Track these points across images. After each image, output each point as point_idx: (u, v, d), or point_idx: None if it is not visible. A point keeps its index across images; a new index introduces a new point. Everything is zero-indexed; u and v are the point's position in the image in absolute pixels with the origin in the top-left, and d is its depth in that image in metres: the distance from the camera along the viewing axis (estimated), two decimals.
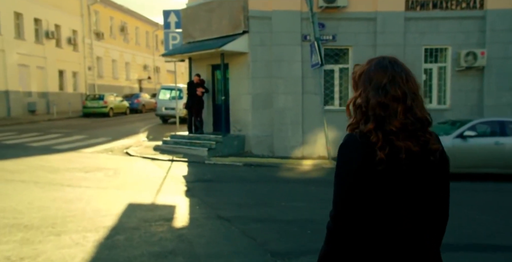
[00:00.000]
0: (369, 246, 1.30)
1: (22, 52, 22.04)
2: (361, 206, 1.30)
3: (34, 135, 14.54)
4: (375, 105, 1.32)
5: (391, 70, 1.35)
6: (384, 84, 1.33)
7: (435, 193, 1.36)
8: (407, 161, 1.28)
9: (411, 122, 1.30)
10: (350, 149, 1.31)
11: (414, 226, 1.32)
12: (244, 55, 11.25)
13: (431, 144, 1.32)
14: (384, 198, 1.29)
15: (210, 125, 12.51)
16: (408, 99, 1.32)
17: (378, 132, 1.29)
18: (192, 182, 7.41)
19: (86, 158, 10.05)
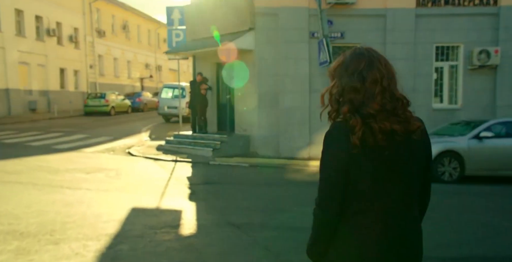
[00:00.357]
0: (356, 228, 1.34)
1: (22, 49, 21.75)
2: (347, 191, 1.33)
3: (34, 134, 14.25)
4: (350, 90, 1.35)
5: (368, 55, 1.39)
6: (361, 69, 1.36)
7: (418, 172, 1.39)
8: (387, 142, 1.31)
9: (389, 102, 1.33)
10: (333, 136, 1.35)
11: (399, 206, 1.35)
12: (250, 53, 10.93)
13: (412, 121, 1.35)
14: (369, 179, 1.32)
15: (214, 125, 12.20)
16: (384, 80, 1.35)
17: (355, 115, 1.32)
18: (198, 184, 7.10)
19: (87, 158, 9.75)
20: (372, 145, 1.30)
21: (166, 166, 9.19)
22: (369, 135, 1.30)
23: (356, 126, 1.30)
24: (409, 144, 1.35)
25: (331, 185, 1.34)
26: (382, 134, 1.30)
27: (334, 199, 1.33)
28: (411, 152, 1.36)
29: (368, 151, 1.30)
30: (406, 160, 1.35)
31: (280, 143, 10.89)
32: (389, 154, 1.32)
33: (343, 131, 1.33)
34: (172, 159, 10.04)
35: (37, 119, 19.96)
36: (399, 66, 8.22)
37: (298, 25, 10.72)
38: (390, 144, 1.32)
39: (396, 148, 1.33)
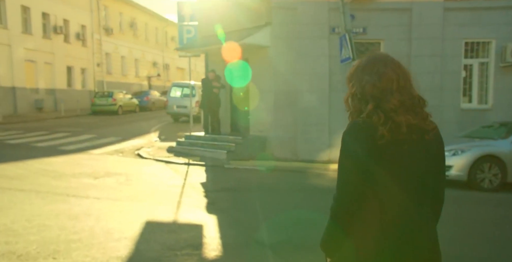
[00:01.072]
0: (371, 225, 1.36)
1: (29, 47, 21.32)
2: (364, 188, 1.36)
3: (40, 134, 13.76)
4: (371, 88, 1.41)
5: (383, 58, 1.47)
6: (377, 68, 1.43)
7: (431, 171, 1.43)
8: (407, 136, 1.36)
9: (408, 99, 1.39)
10: (352, 135, 1.38)
11: (413, 203, 1.38)
12: (266, 49, 10.32)
13: (428, 121, 1.41)
14: (386, 175, 1.36)
15: (227, 126, 11.60)
16: (401, 79, 1.42)
17: (378, 111, 1.36)
18: (215, 191, 6.51)
19: (95, 161, 9.20)
20: (392, 139, 1.34)
21: (179, 169, 8.61)
22: (394, 127, 1.34)
23: (381, 120, 1.34)
24: (423, 143, 1.40)
25: (349, 183, 1.37)
26: (406, 126, 1.35)
27: (351, 196, 1.37)
28: (425, 151, 1.41)
29: (388, 146, 1.34)
30: (420, 158, 1.40)
31: (297, 144, 10.28)
32: (407, 149, 1.37)
33: (362, 129, 1.36)
34: (185, 161, 9.46)
35: (43, 119, 19.52)
36: (425, 63, 7.47)
37: (318, 19, 10.09)
38: (409, 140, 1.36)
39: (412, 145, 1.37)
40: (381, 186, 1.35)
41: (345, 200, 1.37)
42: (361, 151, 1.34)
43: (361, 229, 1.37)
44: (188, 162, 9.46)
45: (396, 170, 1.35)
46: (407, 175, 1.37)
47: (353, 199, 1.36)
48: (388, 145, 1.34)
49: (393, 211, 1.35)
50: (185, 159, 9.76)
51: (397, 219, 1.35)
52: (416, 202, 1.38)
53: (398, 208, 1.36)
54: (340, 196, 1.38)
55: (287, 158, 10.14)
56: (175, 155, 10.36)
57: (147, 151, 11.00)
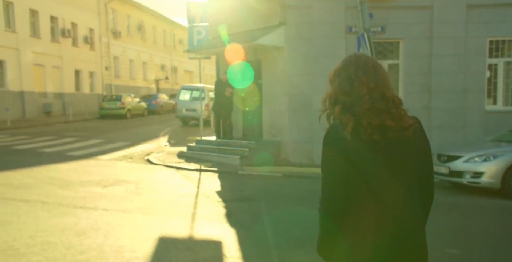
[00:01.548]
0: (359, 225, 1.36)
1: (37, 51, 21.19)
2: (348, 188, 1.36)
3: (48, 138, 13.50)
4: (340, 93, 1.44)
5: (356, 60, 1.48)
6: (350, 73, 1.45)
7: (414, 168, 1.41)
8: (380, 136, 1.35)
9: (378, 101, 1.38)
10: (330, 137, 1.40)
11: (399, 201, 1.37)
12: (280, 50, 9.92)
13: (405, 119, 1.40)
14: (367, 175, 1.35)
15: (239, 130, 11.20)
16: (371, 82, 1.41)
17: (347, 114, 1.38)
18: (231, 201, 6.09)
19: (103, 167, 8.86)
20: (365, 140, 1.35)
21: (190, 176, 8.22)
22: (359, 129, 1.35)
23: (348, 123, 1.37)
24: (402, 140, 1.39)
25: (332, 184, 1.38)
26: (371, 129, 1.35)
27: (335, 198, 1.38)
28: (405, 149, 1.40)
29: (363, 147, 1.35)
30: (400, 156, 1.39)
31: (314, 149, 9.83)
32: (383, 149, 1.36)
33: (339, 131, 1.38)
34: (196, 167, 9.08)
35: (51, 123, 19.32)
36: (447, 63, 6.88)
37: (334, 19, 9.67)
38: (383, 139, 1.36)
39: (389, 144, 1.37)
40: (363, 187, 1.36)
41: (330, 202, 1.39)
42: (340, 153, 1.36)
43: (353, 228, 1.38)
44: (200, 168, 9.07)
45: (375, 171, 1.36)
46: (387, 175, 1.37)
47: (337, 201, 1.38)
48: (363, 146, 1.35)
49: (379, 211, 1.36)
50: (197, 164, 9.38)
51: (384, 220, 1.36)
52: (401, 202, 1.37)
53: (383, 209, 1.35)
54: (325, 198, 1.39)
55: (303, 163, 9.71)
56: (186, 160, 9.98)
57: (157, 156, 10.64)
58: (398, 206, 1.36)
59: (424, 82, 9.81)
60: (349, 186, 1.35)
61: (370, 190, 1.35)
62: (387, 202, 1.35)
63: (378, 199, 1.35)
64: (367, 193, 1.35)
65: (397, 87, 10.07)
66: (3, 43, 19.10)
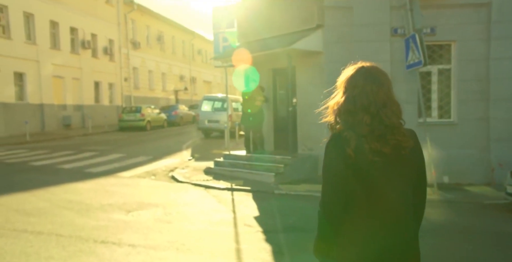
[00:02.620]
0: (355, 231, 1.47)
1: (57, 63, 20.85)
2: (346, 195, 1.47)
3: (66, 153, 12.84)
4: (344, 111, 1.53)
5: (363, 81, 1.54)
6: (355, 94, 1.52)
7: (409, 182, 1.53)
8: (377, 158, 1.45)
9: (377, 129, 1.47)
10: (332, 146, 1.50)
11: (394, 211, 1.48)
12: (317, 55, 9.02)
13: (403, 142, 1.48)
14: (364, 186, 1.46)
15: (270, 143, 10.28)
16: (372, 108, 1.48)
17: (350, 132, 1.48)
18: (278, 231, 5.13)
19: (125, 187, 8.02)
20: (364, 159, 1.44)
21: (222, 197, 7.30)
22: (361, 150, 1.44)
23: (350, 140, 1.45)
24: (399, 159, 1.49)
25: (331, 190, 1.48)
26: (372, 153, 1.44)
27: (334, 203, 1.47)
28: (401, 166, 1.49)
29: (361, 164, 1.45)
30: (397, 172, 1.48)
31: None
32: (381, 166, 1.46)
33: (340, 142, 1.48)
34: (227, 186, 8.16)
35: (71, 136, 18.80)
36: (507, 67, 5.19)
37: (377, 20, 8.72)
38: (382, 160, 1.45)
39: (387, 162, 1.46)
40: (360, 196, 1.46)
41: (329, 206, 1.48)
42: (340, 162, 1.46)
43: (348, 231, 1.47)
44: (231, 186, 8.15)
45: (372, 183, 1.46)
46: (383, 187, 1.46)
47: (336, 205, 1.47)
48: (362, 162, 1.44)
49: (375, 220, 1.45)
50: (227, 183, 8.46)
51: (378, 229, 1.44)
52: (396, 212, 1.47)
53: (379, 218, 1.45)
54: (324, 202, 1.49)
55: None
56: (214, 177, 9.08)
57: (182, 172, 9.78)
58: (393, 215, 1.46)
59: (480, 89, 8.73)
60: (347, 192, 1.47)
61: (368, 196, 1.46)
62: (384, 210, 1.45)
63: (375, 204, 1.46)
64: (364, 199, 1.46)
65: (448, 94, 9.01)
66: (24, 56, 18.80)
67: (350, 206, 1.46)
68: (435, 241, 4.66)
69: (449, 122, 8.94)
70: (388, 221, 1.45)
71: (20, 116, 18.20)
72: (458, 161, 8.59)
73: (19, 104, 18.72)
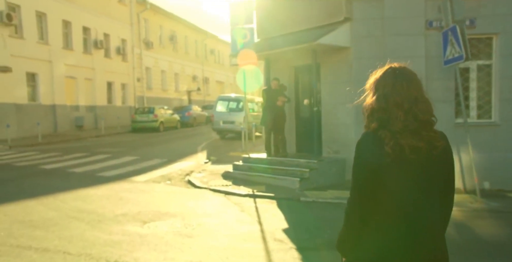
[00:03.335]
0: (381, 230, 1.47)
1: (69, 63, 20.55)
2: (375, 195, 1.48)
3: (78, 156, 12.40)
4: (378, 109, 1.53)
5: (393, 79, 1.55)
6: (385, 92, 1.54)
7: (439, 184, 1.52)
8: (413, 155, 1.46)
9: (411, 124, 1.48)
10: (365, 144, 1.51)
11: (422, 212, 1.47)
12: (344, 51, 8.36)
13: (435, 141, 1.50)
14: (395, 185, 1.47)
15: (292, 145, 9.64)
16: (405, 104, 1.50)
17: (384, 130, 1.49)
18: (314, 249, 4.49)
19: (140, 193, 7.48)
20: (401, 157, 1.45)
21: (245, 205, 6.70)
22: (398, 148, 1.45)
23: (386, 137, 1.47)
24: (431, 159, 1.49)
25: (361, 189, 1.49)
26: (409, 148, 1.45)
27: (362, 202, 1.48)
28: (433, 165, 1.49)
29: (397, 161, 1.45)
30: (428, 172, 1.48)
31: None
32: (415, 166, 1.47)
33: (373, 140, 1.49)
34: (248, 192, 7.55)
35: (83, 138, 18.43)
36: None
37: (411, 12, 8.02)
38: (417, 158, 1.46)
39: (420, 161, 1.47)
40: (391, 197, 1.46)
41: (357, 204, 1.49)
42: (373, 161, 1.46)
43: (373, 231, 1.47)
44: (253, 192, 7.54)
45: (404, 183, 1.46)
46: (415, 188, 1.47)
47: (364, 204, 1.47)
48: (394, 161, 1.45)
49: (402, 220, 1.45)
50: (248, 188, 7.85)
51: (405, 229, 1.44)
52: (424, 214, 1.46)
53: (405, 218, 1.45)
54: (353, 200, 1.51)
55: None
56: (233, 182, 8.49)
57: (199, 176, 9.21)
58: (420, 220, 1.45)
59: None
60: (376, 193, 1.46)
61: (396, 198, 1.45)
62: (411, 214, 1.45)
63: (402, 207, 1.45)
64: (392, 201, 1.45)
65: (488, 93, 8.26)
66: (36, 56, 18.50)
67: (377, 208, 1.47)
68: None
69: (490, 123, 8.18)
70: (415, 225, 1.45)
71: (32, 118, 17.89)
72: (500, 165, 7.83)
73: (31, 105, 18.43)
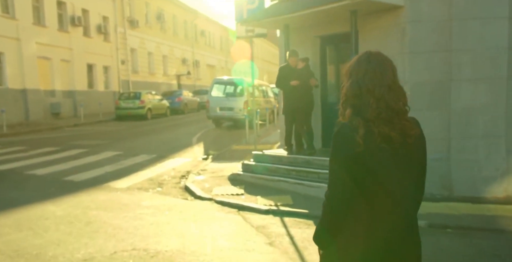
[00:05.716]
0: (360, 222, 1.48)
1: (42, 41, 17.94)
2: (351, 185, 1.48)
3: (47, 151, 10.15)
4: (351, 95, 1.52)
5: (366, 65, 1.53)
6: (359, 78, 1.52)
7: (413, 172, 1.54)
8: (384, 144, 1.46)
9: (384, 112, 1.47)
10: (340, 135, 1.50)
11: (399, 202, 1.49)
12: (393, 12, 6.19)
13: (409, 129, 1.50)
14: (372, 176, 1.47)
15: (318, 139, 7.53)
16: (377, 91, 1.48)
17: (358, 118, 1.48)
18: None
19: (118, 211, 5.32)
20: (373, 145, 1.44)
21: (271, 230, 4.60)
22: (370, 136, 1.44)
23: (359, 126, 1.45)
24: (405, 146, 1.49)
25: (338, 180, 1.49)
26: (381, 137, 1.45)
27: (340, 195, 1.48)
28: (407, 154, 1.50)
29: (371, 150, 1.45)
30: (403, 159, 1.49)
31: (452, 171, 6.11)
32: (389, 154, 1.47)
33: (349, 131, 1.47)
34: (270, 207, 5.46)
35: (59, 127, 16.07)
36: None
37: None
38: (389, 146, 1.47)
39: (394, 150, 1.48)
40: (368, 187, 1.47)
41: (335, 198, 1.49)
42: (345, 153, 1.46)
43: (350, 225, 1.49)
44: (278, 207, 5.45)
45: (380, 172, 1.47)
46: (390, 177, 1.47)
47: (342, 197, 1.48)
48: (371, 150, 1.44)
49: (380, 211, 1.47)
50: (268, 200, 5.76)
51: (383, 220, 1.46)
52: (401, 203, 1.49)
53: (384, 208, 1.47)
54: (330, 194, 1.50)
55: (433, 194, 6.00)
56: (246, 190, 6.37)
57: (199, 180, 7.08)
58: (398, 207, 1.48)
59: None
60: (353, 184, 1.46)
61: (381, 186, 1.46)
62: (389, 202, 1.47)
63: (379, 196, 1.46)
64: (369, 191, 1.47)
65: None
66: (0, 32, 15.89)
67: (355, 199, 1.47)
68: None
69: None
70: (392, 213, 1.47)
71: None
72: None
73: None
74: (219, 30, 40.65)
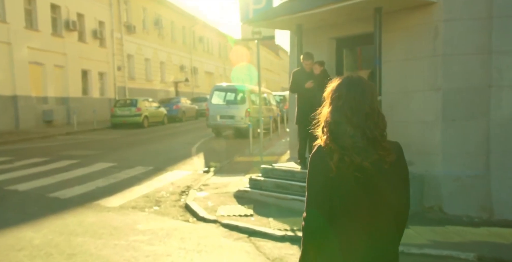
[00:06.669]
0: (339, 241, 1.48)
1: (35, 46, 17.17)
2: (328, 207, 1.48)
3: (34, 162, 9.32)
4: (331, 121, 1.52)
5: (346, 93, 1.52)
6: (338, 106, 1.51)
7: (391, 197, 1.51)
8: (357, 173, 1.46)
9: (359, 141, 1.48)
10: (316, 158, 1.51)
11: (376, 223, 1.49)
12: (424, 9, 5.48)
13: (385, 157, 1.48)
14: (346, 198, 1.48)
15: None
16: (354, 119, 1.48)
17: (334, 144, 1.48)
18: None
19: (109, 237, 4.50)
20: (346, 172, 1.45)
21: None
22: (343, 164, 1.45)
23: (333, 153, 1.46)
24: (380, 173, 1.47)
25: (314, 202, 1.48)
26: (353, 166, 1.45)
27: (317, 219, 1.47)
28: (383, 180, 1.48)
29: (343, 177, 1.46)
30: (378, 186, 1.48)
31: (492, 190, 5.35)
32: (361, 183, 1.46)
33: (324, 155, 1.48)
34: (285, 232, 4.68)
35: (50, 135, 15.21)
36: None
37: None
38: (363, 175, 1.46)
39: (367, 179, 1.46)
40: (344, 208, 1.47)
41: (312, 221, 1.48)
42: (323, 175, 1.46)
43: (329, 248, 1.48)
44: (294, 233, 4.66)
45: (354, 196, 1.47)
46: (365, 200, 1.47)
47: (319, 221, 1.47)
48: (340, 176, 1.45)
49: (357, 232, 1.47)
50: (282, 223, 4.97)
51: (355, 248, 1.46)
52: (378, 224, 1.49)
53: (361, 230, 1.47)
54: (307, 216, 1.49)
55: (471, 216, 5.23)
56: (255, 210, 5.58)
57: (201, 197, 6.28)
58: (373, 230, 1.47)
59: None
60: (329, 207, 1.47)
61: (349, 213, 1.47)
62: (364, 226, 1.46)
63: (355, 220, 1.47)
64: (344, 215, 1.47)
65: None
66: None
67: (332, 222, 1.47)
68: None
69: None
70: (362, 241, 1.45)
71: None
72: None
73: None
74: (218, 36, 40.10)
